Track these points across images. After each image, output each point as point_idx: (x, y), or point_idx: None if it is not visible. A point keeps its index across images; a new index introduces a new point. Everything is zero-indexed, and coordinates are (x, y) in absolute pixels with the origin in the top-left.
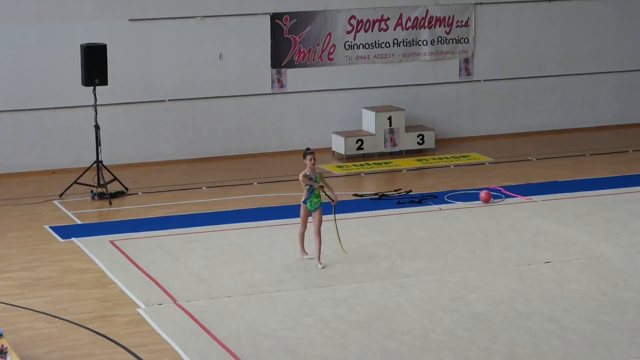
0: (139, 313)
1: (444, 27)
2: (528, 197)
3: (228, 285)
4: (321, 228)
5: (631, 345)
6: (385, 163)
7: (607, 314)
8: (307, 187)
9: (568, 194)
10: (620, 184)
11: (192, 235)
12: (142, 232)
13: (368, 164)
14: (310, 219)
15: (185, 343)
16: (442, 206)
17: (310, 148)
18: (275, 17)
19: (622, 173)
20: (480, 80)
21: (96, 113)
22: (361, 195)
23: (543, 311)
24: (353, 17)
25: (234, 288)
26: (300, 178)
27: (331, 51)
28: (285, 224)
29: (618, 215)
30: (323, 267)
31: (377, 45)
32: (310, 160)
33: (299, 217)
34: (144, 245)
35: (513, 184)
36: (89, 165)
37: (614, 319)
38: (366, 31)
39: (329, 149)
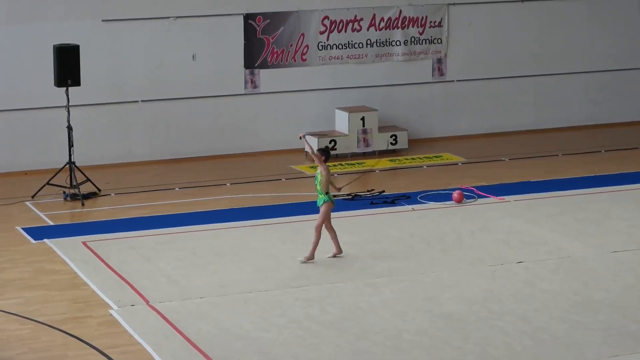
0: (111, 314)
1: (417, 27)
2: (501, 197)
3: (200, 286)
4: (321, 225)
5: (603, 345)
6: (358, 163)
7: (579, 314)
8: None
9: (541, 194)
10: (593, 184)
11: (164, 236)
12: (114, 233)
13: (341, 165)
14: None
15: (158, 344)
16: (415, 206)
17: (324, 147)
18: (248, 18)
19: (595, 173)
20: (453, 81)
21: (69, 114)
22: (334, 196)
23: (516, 311)
24: (326, 17)
25: (206, 289)
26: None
27: (304, 52)
28: (258, 224)
29: (590, 215)
30: (302, 262)
31: (350, 45)
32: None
33: (270, 217)
34: (116, 246)
35: (486, 184)
36: (61, 166)
37: (586, 319)
38: (339, 31)
39: (301, 150)
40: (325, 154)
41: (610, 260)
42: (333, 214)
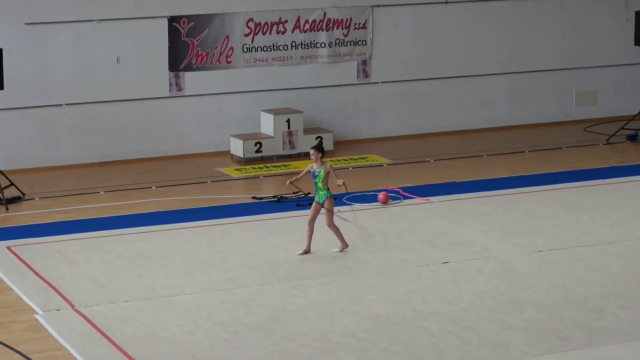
0: (36, 319)
1: (342, 29)
2: (426, 198)
3: (127, 289)
4: (333, 219)
5: (528, 344)
6: (284, 165)
7: (505, 313)
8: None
9: (466, 194)
10: (517, 184)
11: (90, 240)
12: (39, 238)
13: (267, 167)
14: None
15: (84, 349)
16: (341, 208)
17: (317, 143)
18: (172, 20)
19: (519, 173)
20: (378, 82)
21: None
22: (260, 198)
23: (441, 311)
24: (251, 19)
25: (132, 292)
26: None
27: (229, 54)
28: (184, 227)
29: (515, 215)
30: (338, 251)
31: (275, 47)
32: (311, 155)
33: (197, 220)
34: (41, 250)
35: (411, 185)
36: None
37: (512, 318)
38: (264, 34)
39: (227, 152)
40: (322, 150)
41: (536, 260)
42: (264, 215)
